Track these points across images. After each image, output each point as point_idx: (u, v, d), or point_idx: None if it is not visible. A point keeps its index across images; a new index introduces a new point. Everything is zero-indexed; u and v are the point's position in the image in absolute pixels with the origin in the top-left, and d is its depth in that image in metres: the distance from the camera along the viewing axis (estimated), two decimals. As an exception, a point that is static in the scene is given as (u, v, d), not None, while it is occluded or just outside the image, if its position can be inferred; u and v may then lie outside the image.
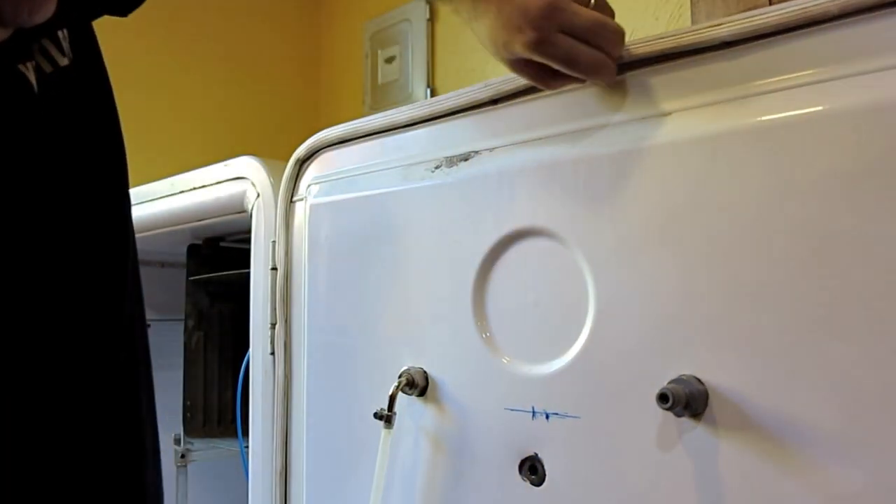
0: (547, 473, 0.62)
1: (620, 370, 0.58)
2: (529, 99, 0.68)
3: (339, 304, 0.81)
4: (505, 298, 0.66)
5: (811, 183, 0.50)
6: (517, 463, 0.64)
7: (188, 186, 1.09)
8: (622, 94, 0.61)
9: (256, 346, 0.93)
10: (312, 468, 0.83)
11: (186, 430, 1.31)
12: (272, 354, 0.89)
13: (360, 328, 0.78)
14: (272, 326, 0.89)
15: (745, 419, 0.51)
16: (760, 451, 0.51)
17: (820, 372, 0.49)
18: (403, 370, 0.71)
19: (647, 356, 0.56)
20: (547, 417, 0.62)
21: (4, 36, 0.49)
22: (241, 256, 1.08)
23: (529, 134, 0.67)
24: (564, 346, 0.61)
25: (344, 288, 0.81)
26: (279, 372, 0.88)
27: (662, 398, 0.51)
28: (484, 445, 0.66)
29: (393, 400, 0.70)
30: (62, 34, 0.55)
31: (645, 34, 0.60)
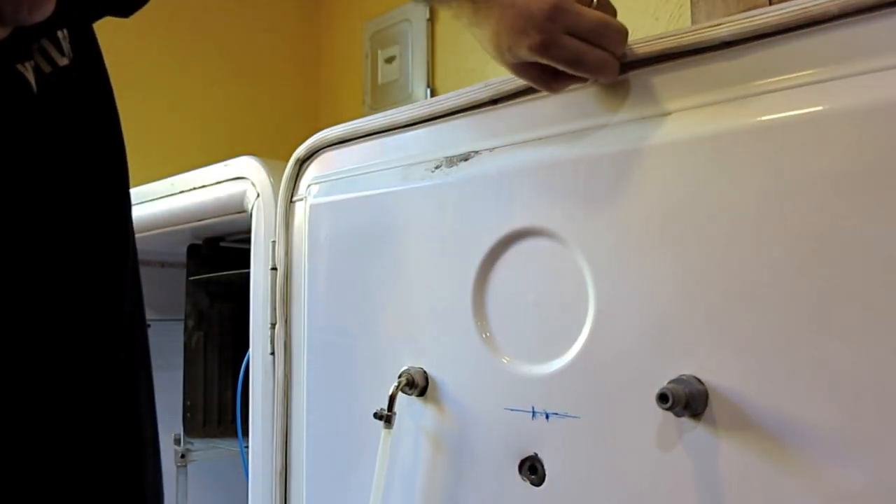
0: (547, 473, 0.62)
1: (620, 370, 0.58)
2: (529, 99, 0.68)
3: (339, 304, 0.81)
4: (505, 298, 0.66)
5: (811, 183, 0.50)
6: (517, 463, 0.64)
7: (188, 186, 1.09)
8: (622, 94, 0.61)
9: (256, 346, 0.93)
10: (312, 468, 0.83)
11: (186, 430, 1.31)
12: (272, 354, 0.89)
13: (360, 328, 0.78)
14: (272, 326, 0.89)
15: (745, 419, 0.51)
16: (760, 451, 0.51)
17: (820, 372, 0.49)
18: (403, 370, 0.71)
19: (647, 356, 0.56)
20: (547, 417, 0.62)
21: (3, 35, 0.49)
22: (241, 256, 1.08)
23: (529, 134, 0.67)
24: (564, 346, 0.61)
25: (344, 288, 0.81)
26: (279, 372, 0.88)
27: (662, 398, 0.51)
28: (484, 445, 0.66)
29: (393, 400, 0.70)
30: (62, 34, 0.55)
31: (645, 34, 0.60)
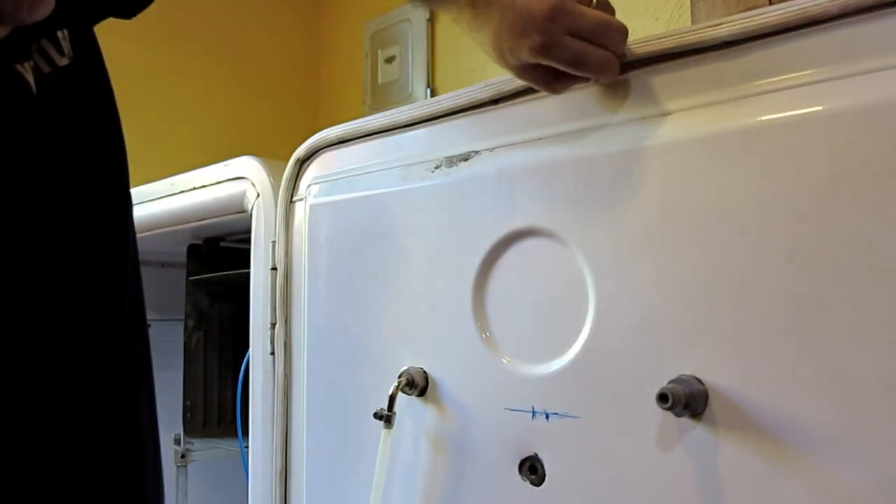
0: (547, 473, 0.62)
1: (620, 370, 0.58)
2: (529, 99, 0.68)
3: (339, 304, 0.81)
4: (505, 298, 0.66)
5: (811, 183, 0.50)
6: (517, 463, 0.64)
7: (188, 186, 1.09)
8: (622, 94, 0.61)
9: (256, 346, 0.93)
10: (312, 468, 0.83)
11: (186, 430, 1.31)
12: (272, 354, 0.89)
13: (360, 328, 0.78)
14: (272, 326, 0.89)
15: (745, 419, 0.51)
16: (760, 450, 0.51)
17: (820, 372, 0.49)
18: (403, 370, 0.71)
19: (647, 356, 0.56)
20: (547, 417, 0.62)
21: (3, 34, 0.49)
22: (241, 256, 1.08)
23: (529, 134, 0.67)
24: (564, 346, 0.61)
25: (344, 288, 0.80)
26: (279, 372, 0.88)
27: (662, 398, 0.51)
28: (484, 445, 0.66)
29: (393, 400, 0.70)
30: (62, 34, 0.54)
31: (645, 34, 0.60)
